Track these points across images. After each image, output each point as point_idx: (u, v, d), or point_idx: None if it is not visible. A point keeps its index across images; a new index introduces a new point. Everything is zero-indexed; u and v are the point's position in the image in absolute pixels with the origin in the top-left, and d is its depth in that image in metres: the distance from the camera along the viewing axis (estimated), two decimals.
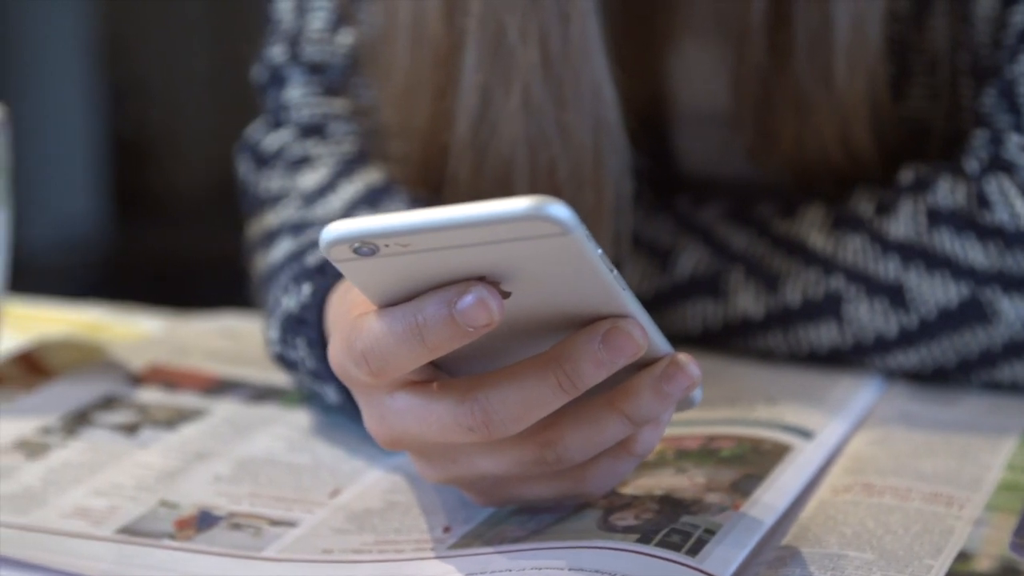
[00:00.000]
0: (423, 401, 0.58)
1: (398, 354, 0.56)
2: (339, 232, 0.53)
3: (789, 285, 0.80)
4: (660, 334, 0.58)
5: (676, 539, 0.59)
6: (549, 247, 0.53)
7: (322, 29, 0.88)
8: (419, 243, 0.53)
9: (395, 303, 0.56)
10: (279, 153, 0.87)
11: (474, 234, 0.52)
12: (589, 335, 0.56)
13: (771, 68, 0.80)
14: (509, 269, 0.54)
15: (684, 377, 0.58)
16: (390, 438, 0.60)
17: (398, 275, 0.55)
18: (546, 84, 0.75)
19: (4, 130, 0.80)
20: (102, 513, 0.66)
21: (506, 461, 0.59)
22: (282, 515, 0.66)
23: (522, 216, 0.51)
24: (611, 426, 0.58)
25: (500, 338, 0.56)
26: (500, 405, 0.56)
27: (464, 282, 0.54)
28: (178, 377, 0.82)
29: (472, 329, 0.54)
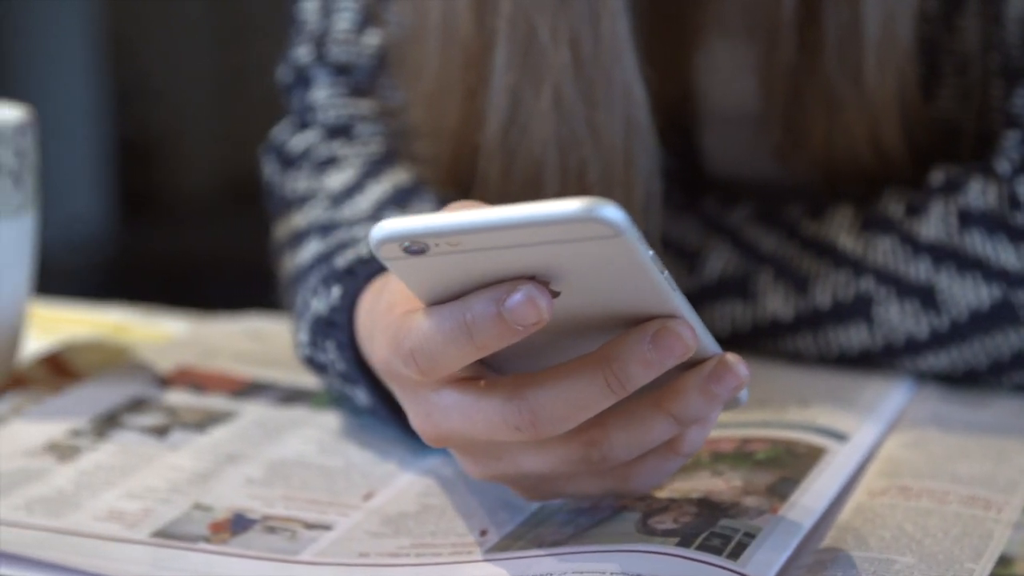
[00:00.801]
0: (470, 399, 0.57)
1: (446, 352, 0.55)
2: (389, 231, 0.53)
3: (819, 287, 0.80)
4: (709, 334, 0.58)
5: (716, 543, 0.59)
6: (601, 248, 0.52)
7: (348, 30, 0.87)
8: (469, 243, 0.52)
9: (443, 301, 0.55)
10: (305, 154, 0.86)
11: (525, 235, 0.52)
12: (638, 335, 0.56)
13: (801, 67, 0.80)
14: (559, 269, 0.54)
15: (732, 377, 0.58)
16: (436, 435, 0.59)
17: (447, 274, 0.54)
18: (577, 84, 0.75)
19: (31, 131, 0.80)
20: (136, 516, 0.66)
21: (551, 460, 0.59)
22: (317, 518, 0.66)
23: (574, 218, 0.51)
24: (658, 426, 0.58)
25: (548, 337, 0.56)
26: (547, 405, 0.56)
27: (513, 280, 0.54)
28: (206, 379, 0.82)
29: (521, 328, 0.54)
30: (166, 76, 3.62)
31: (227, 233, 3.44)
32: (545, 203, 0.51)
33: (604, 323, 0.57)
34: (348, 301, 0.71)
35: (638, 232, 0.52)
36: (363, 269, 0.72)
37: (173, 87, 3.63)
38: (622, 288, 0.55)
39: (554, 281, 0.54)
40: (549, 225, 0.51)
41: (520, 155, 0.76)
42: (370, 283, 0.71)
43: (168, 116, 3.66)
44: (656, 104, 0.78)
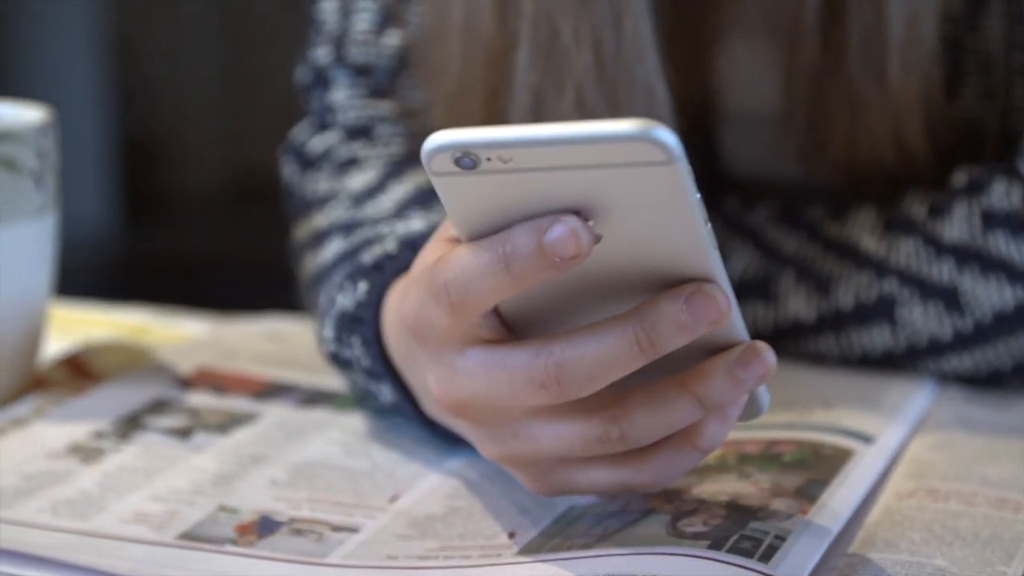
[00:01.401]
0: (496, 356, 0.57)
1: (481, 283, 0.55)
2: (444, 140, 0.52)
3: (841, 288, 0.79)
4: (741, 319, 0.58)
5: (747, 545, 0.59)
6: (649, 177, 0.52)
7: (368, 30, 0.87)
8: (522, 159, 0.52)
9: (483, 236, 0.55)
10: (325, 155, 0.86)
11: (577, 154, 0.51)
12: (673, 296, 0.55)
13: (824, 67, 0.79)
14: (603, 204, 0.53)
15: (760, 364, 0.57)
16: (457, 400, 0.59)
17: (492, 199, 0.54)
18: (599, 85, 0.75)
19: (52, 132, 0.79)
20: (161, 518, 0.66)
21: (569, 436, 0.58)
22: (343, 520, 0.65)
23: (629, 136, 0.51)
24: (680, 408, 0.57)
25: (579, 298, 0.56)
26: (575, 361, 0.55)
27: (555, 214, 0.54)
28: (227, 381, 0.81)
29: (559, 260, 0.54)
30: (171, 76, 3.62)
31: (231, 232, 3.45)
32: (600, 121, 0.51)
33: (637, 283, 0.56)
34: (375, 296, 0.71)
35: (689, 167, 0.52)
36: (390, 265, 0.71)
37: (178, 87, 3.63)
38: (663, 233, 0.54)
39: (596, 220, 0.54)
40: (603, 143, 0.51)
41: None
42: (397, 279, 0.71)
43: (173, 116, 3.66)
44: (677, 105, 0.78)
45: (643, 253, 0.56)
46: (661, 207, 0.53)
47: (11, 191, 0.77)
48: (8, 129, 0.76)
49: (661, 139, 0.51)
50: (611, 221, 0.54)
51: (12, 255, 0.78)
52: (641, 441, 0.58)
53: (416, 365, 0.66)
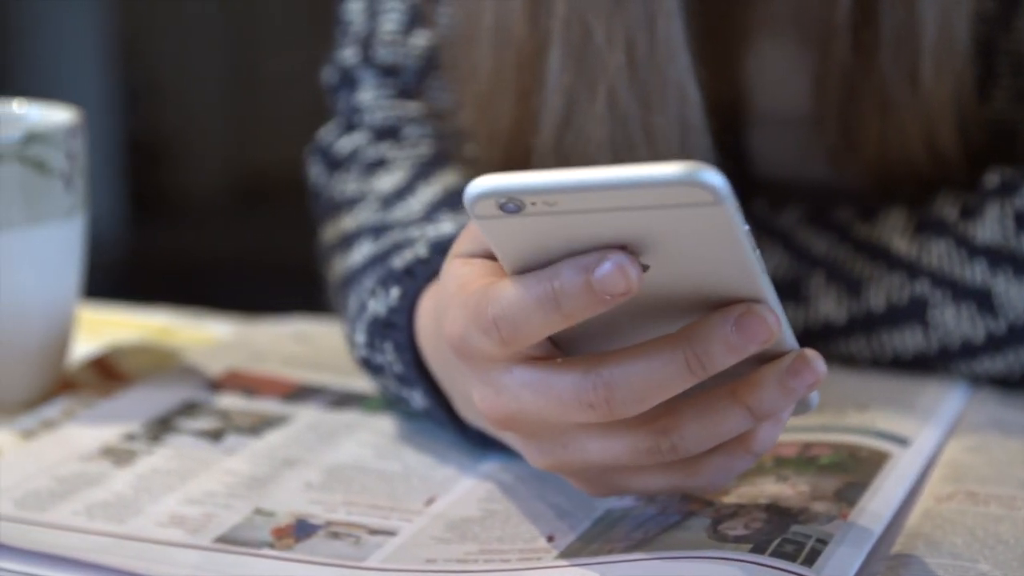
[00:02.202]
0: (543, 375, 0.57)
1: (531, 321, 0.54)
2: (488, 186, 0.52)
3: (872, 290, 0.79)
4: (789, 328, 0.57)
5: (790, 549, 0.58)
6: (697, 216, 0.52)
7: (395, 31, 0.87)
8: (567, 203, 0.52)
9: (529, 270, 0.55)
10: (353, 156, 0.86)
11: (623, 197, 0.51)
12: (722, 317, 0.55)
13: (855, 68, 0.79)
14: (650, 239, 0.53)
15: (810, 373, 0.57)
16: (503, 415, 0.59)
17: (537, 238, 0.54)
18: (632, 86, 0.75)
19: (81, 133, 0.79)
20: (198, 521, 0.65)
21: (619, 447, 0.58)
22: (380, 524, 0.65)
23: (675, 181, 0.50)
24: (731, 418, 0.57)
25: (627, 317, 0.56)
26: (624, 382, 0.55)
27: (603, 249, 0.53)
28: (256, 383, 0.81)
29: (609, 297, 0.53)
30: (177, 77, 3.62)
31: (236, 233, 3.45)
32: (646, 165, 0.51)
33: (686, 304, 0.56)
34: (407, 302, 0.71)
35: (736, 202, 0.52)
36: (422, 270, 0.71)
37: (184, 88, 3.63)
38: (711, 264, 0.54)
39: (644, 253, 0.54)
40: (649, 188, 0.51)
41: (574, 158, 0.75)
42: (429, 283, 0.70)
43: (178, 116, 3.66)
44: (706, 106, 0.78)
45: (690, 278, 0.55)
46: (709, 241, 0.53)
47: (41, 192, 0.76)
48: (38, 130, 0.76)
49: (709, 182, 0.51)
50: (658, 253, 0.54)
51: (42, 256, 0.77)
52: (692, 451, 0.58)
53: (456, 374, 0.65)
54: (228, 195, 3.66)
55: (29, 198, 0.76)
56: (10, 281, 0.76)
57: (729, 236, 0.53)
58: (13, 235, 0.76)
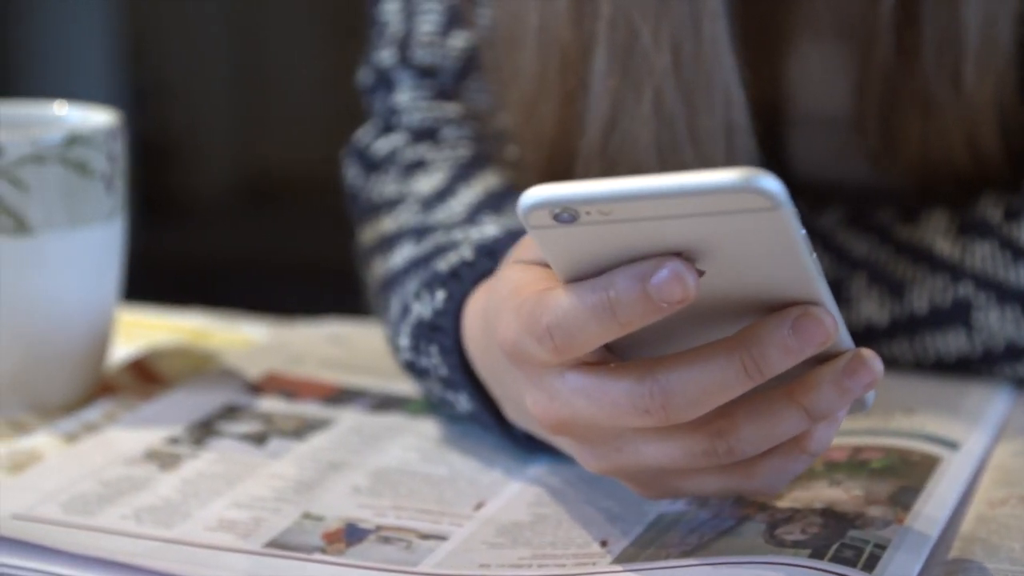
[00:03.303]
0: (598, 381, 0.56)
1: (586, 329, 0.54)
2: (542, 196, 0.52)
3: (915, 292, 0.79)
4: (845, 328, 0.57)
5: (849, 554, 0.58)
6: (754, 222, 0.51)
7: (433, 32, 0.86)
8: (621, 212, 0.51)
9: (583, 278, 0.55)
10: (391, 157, 0.86)
11: (679, 204, 0.51)
12: (779, 320, 0.55)
13: (897, 69, 0.79)
14: (706, 245, 0.53)
15: (867, 373, 0.57)
16: (557, 420, 0.58)
17: (591, 247, 0.53)
18: (678, 88, 0.74)
19: (121, 135, 0.79)
20: (247, 526, 0.65)
21: (674, 451, 0.58)
22: (430, 528, 0.65)
23: (732, 187, 0.50)
24: (788, 419, 0.57)
25: (681, 322, 0.55)
26: (680, 387, 0.55)
27: (658, 257, 0.53)
28: (296, 386, 0.81)
29: (666, 305, 0.53)
30: (184, 77, 3.62)
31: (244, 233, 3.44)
32: (702, 172, 0.50)
33: (741, 308, 0.56)
34: (453, 305, 0.70)
35: (794, 207, 0.51)
36: (468, 272, 0.71)
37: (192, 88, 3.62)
38: (767, 268, 0.54)
39: (698, 259, 0.53)
40: (705, 195, 0.50)
41: (620, 161, 0.75)
42: (475, 286, 0.70)
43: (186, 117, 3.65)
44: (748, 107, 0.77)
45: (745, 283, 0.55)
46: (765, 245, 0.53)
47: (83, 195, 0.76)
48: (80, 132, 0.76)
49: (766, 188, 0.50)
50: (713, 259, 0.54)
51: (82, 259, 0.77)
52: (748, 453, 0.57)
53: (506, 378, 0.65)
54: (236, 195, 3.65)
55: (71, 200, 0.76)
56: (51, 283, 0.76)
57: (786, 240, 0.53)
58: (55, 237, 0.75)
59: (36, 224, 0.75)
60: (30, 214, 0.75)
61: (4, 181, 0.74)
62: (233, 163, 3.68)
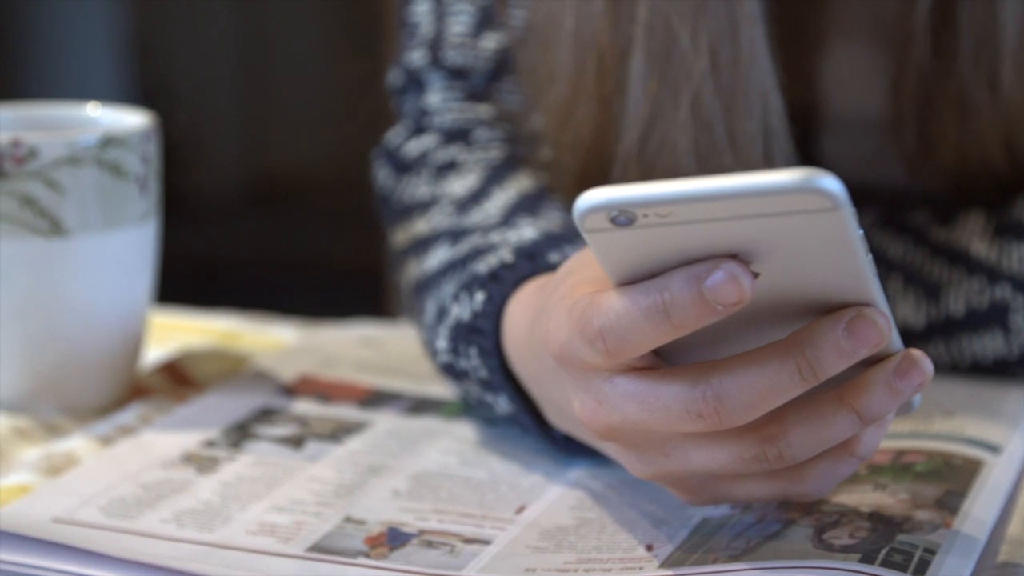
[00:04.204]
0: (648, 386, 0.56)
1: (640, 332, 0.54)
2: (600, 199, 0.51)
3: (951, 294, 0.78)
4: (896, 330, 0.57)
5: (899, 559, 0.58)
6: (812, 223, 0.51)
7: (464, 33, 0.86)
8: (680, 214, 0.51)
9: (635, 281, 0.54)
10: (422, 159, 0.85)
11: (738, 206, 0.50)
12: (833, 322, 0.54)
13: (934, 71, 0.78)
14: (761, 246, 0.53)
15: (918, 374, 0.56)
16: (606, 425, 0.58)
17: (646, 250, 0.53)
18: (716, 92, 0.74)
19: (156, 137, 0.79)
20: (289, 530, 0.65)
21: (724, 456, 0.57)
22: (474, 532, 0.64)
23: (793, 188, 0.50)
24: (839, 423, 0.56)
25: (731, 325, 0.55)
26: (734, 391, 0.54)
27: (713, 259, 0.53)
28: (330, 388, 0.80)
29: (721, 308, 0.53)
30: (191, 78, 3.61)
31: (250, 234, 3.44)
32: (761, 173, 0.50)
33: (792, 310, 0.55)
34: (493, 307, 0.70)
35: (853, 208, 0.51)
36: (508, 275, 0.70)
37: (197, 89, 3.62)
38: (823, 269, 0.54)
39: (753, 261, 0.53)
40: (765, 196, 0.50)
41: (657, 165, 0.75)
42: (516, 289, 0.70)
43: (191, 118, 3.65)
44: None
45: (799, 284, 0.55)
46: (823, 247, 0.53)
47: (117, 197, 0.76)
48: (114, 134, 0.76)
49: (827, 189, 0.50)
50: (768, 260, 0.53)
51: (116, 261, 0.77)
52: (799, 458, 0.57)
53: (552, 381, 0.65)
54: (241, 196, 3.65)
55: (105, 202, 0.75)
56: (86, 286, 0.76)
57: (844, 241, 0.53)
58: (89, 239, 0.75)
59: (71, 226, 0.75)
60: (65, 216, 0.74)
61: (39, 183, 0.74)
62: (239, 164, 3.68)
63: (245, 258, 3.26)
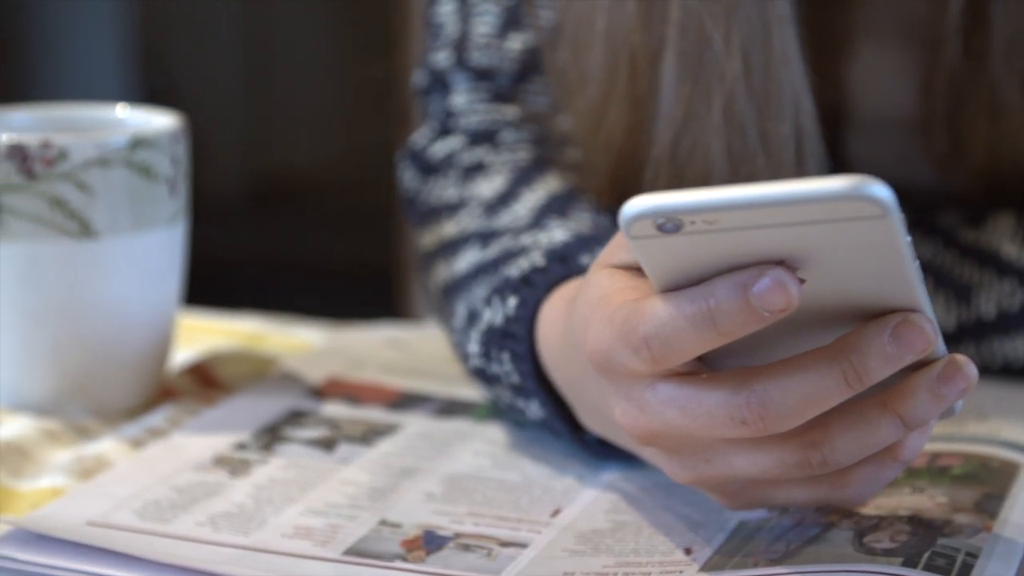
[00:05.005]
0: (691, 392, 0.56)
1: (685, 339, 0.54)
2: (647, 206, 0.51)
3: (982, 296, 0.78)
4: (940, 335, 0.56)
5: (941, 563, 0.58)
6: (861, 229, 0.51)
7: (489, 34, 0.86)
8: (727, 221, 0.51)
9: (679, 288, 0.54)
10: (448, 160, 0.85)
11: (786, 213, 0.50)
12: (878, 328, 0.54)
13: (965, 73, 0.78)
14: (807, 253, 0.52)
15: (962, 379, 0.56)
16: (648, 431, 0.58)
17: (692, 256, 0.53)
18: (748, 94, 0.74)
19: (184, 138, 0.78)
20: (324, 533, 0.64)
21: (766, 461, 0.57)
22: (510, 535, 0.64)
23: (843, 196, 0.49)
24: (883, 428, 0.56)
25: (774, 331, 0.55)
26: (779, 397, 0.54)
27: (759, 265, 0.53)
28: (359, 390, 0.80)
29: (768, 314, 0.52)
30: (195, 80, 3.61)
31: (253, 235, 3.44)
32: (810, 180, 0.50)
33: (836, 316, 0.55)
34: (526, 312, 0.70)
35: (902, 215, 0.51)
36: (540, 279, 0.70)
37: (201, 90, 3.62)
38: (868, 275, 0.53)
39: (800, 267, 0.53)
40: (813, 203, 0.50)
41: (689, 168, 0.74)
42: (549, 292, 0.70)
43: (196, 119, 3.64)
44: None
45: (845, 290, 0.54)
46: (870, 253, 0.53)
47: (147, 198, 0.75)
48: (144, 135, 0.75)
49: (877, 196, 0.50)
50: (815, 267, 0.53)
51: (146, 263, 0.76)
52: (843, 464, 0.57)
53: (589, 386, 0.64)
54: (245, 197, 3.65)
55: (135, 204, 0.75)
56: (115, 288, 0.75)
57: (892, 248, 0.52)
58: (119, 241, 0.75)
59: (101, 228, 0.74)
60: (95, 218, 0.74)
61: (69, 185, 0.73)
62: (243, 165, 3.68)
63: (248, 259, 3.26)
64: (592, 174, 0.80)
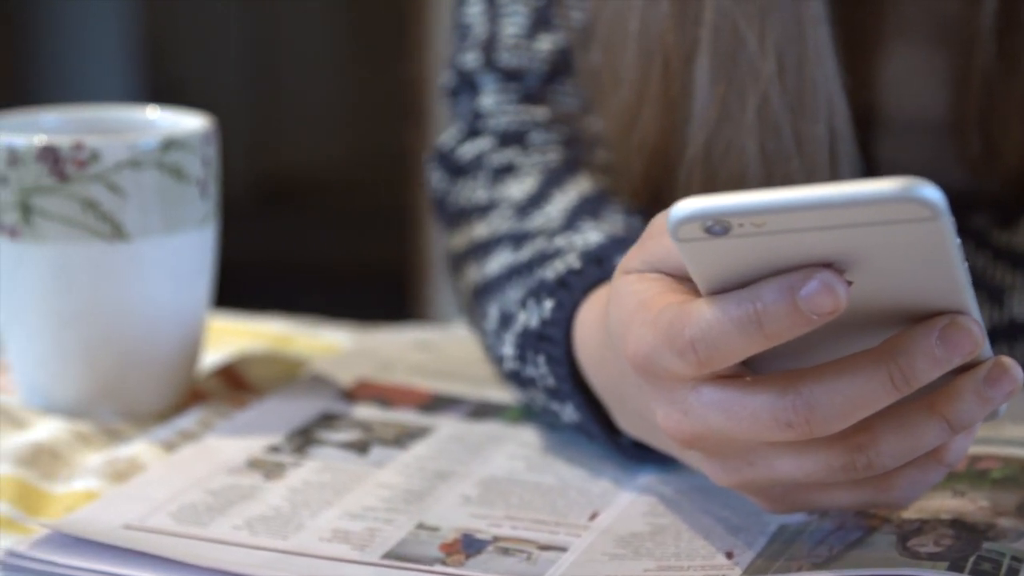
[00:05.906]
0: (735, 395, 0.55)
1: (731, 342, 0.53)
2: (695, 209, 0.51)
3: (1016, 298, 0.78)
4: (987, 337, 0.56)
5: (987, 567, 0.57)
6: (910, 232, 0.51)
7: (518, 35, 0.85)
8: (775, 223, 0.51)
9: (724, 291, 0.54)
10: (478, 162, 0.85)
11: (834, 216, 0.50)
12: (926, 330, 0.54)
13: (999, 75, 0.78)
14: (855, 255, 0.52)
15: (1009, 381, 0.56)
16: (691, 434, 0.57)
17: (738, 259, 0.53)
18: (783, 95, 0.73)
19: (215, 140, 0.78)
20: (362, 537, 0.64)
21: (810, 465, 0.57)
22: (549, 539, 0.64)
23: (893, 198, 0.49)
24: (929, 431, 0.56)
25: (820, 334, 0.54)
26: (826, 400, 0.54)
27: (806, 268, 0.52)
28: (390, 393, 0.80)
29: (816, 317, 0.52)
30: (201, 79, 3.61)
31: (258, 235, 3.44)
32: (859, 182, 0.49)
33: (882, 319, 0.55)
34: (563, 315, 0.69)
35: (952, 218, 0.50)
36: (576, 281, 0.70)
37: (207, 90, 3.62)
38: (918, 277, 0.53)
39: (847, 269, 0.53)
40: (863, 206, 0.49)
41: (723, 168, 0.74)
42: (586, 295, 0.69)
43: None
44: None
45: (892, 292, 0.54)
46: (919, 255, 0.52)
47: (178, 200, 0.75)
48: (175, 137, 0.75)
49: (928, 198, 0.49)
50: (862, 269, 0.53)
51: (177, 265, 0.76)
52: (889, 467, 0.56)
53: (630, 392, 0.64)
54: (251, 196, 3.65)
55: (166, 206, 0.75)
56: (146, 290, 0.75)
57: (941, 250, 0.52)
58: (150, 243, 0.75)
59: (132, 230, 0.74)
60: (127, 220, 0.74)
61: (101, 186, 0.73)
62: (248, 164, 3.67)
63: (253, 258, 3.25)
64: (625, 176, 0.79)
